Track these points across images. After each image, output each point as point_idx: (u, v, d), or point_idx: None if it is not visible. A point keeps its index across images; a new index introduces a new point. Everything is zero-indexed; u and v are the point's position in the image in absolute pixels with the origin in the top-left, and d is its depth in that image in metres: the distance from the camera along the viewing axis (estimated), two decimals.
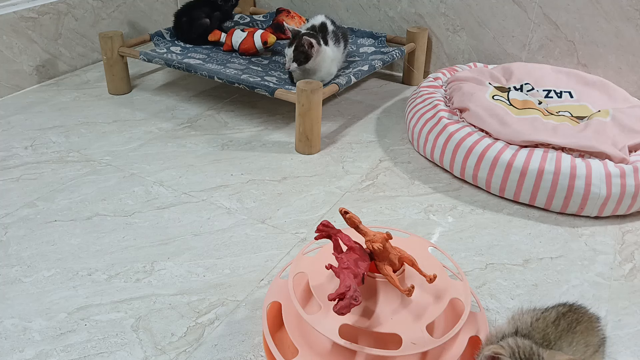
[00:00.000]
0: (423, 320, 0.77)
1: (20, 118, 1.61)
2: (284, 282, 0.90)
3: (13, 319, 0.95)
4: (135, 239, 1.15)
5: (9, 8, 1.70)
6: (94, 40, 1.97)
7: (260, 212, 1.24)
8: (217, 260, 1.09)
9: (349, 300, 0.70)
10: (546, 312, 0.78)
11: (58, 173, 1.36)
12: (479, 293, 1.03)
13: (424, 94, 1.53)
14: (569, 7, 1.64)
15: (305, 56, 1.50)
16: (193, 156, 1.45)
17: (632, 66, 1.63)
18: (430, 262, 0.87)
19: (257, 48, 1.76)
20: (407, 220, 1.23)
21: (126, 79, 1.77)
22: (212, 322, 0.95)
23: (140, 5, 2.10)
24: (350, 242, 0.80)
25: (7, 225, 1.17)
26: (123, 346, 0.90)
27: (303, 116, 1.43)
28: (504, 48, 1.79)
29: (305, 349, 0.80)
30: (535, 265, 1.11)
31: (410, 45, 1.81)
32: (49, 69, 1.85)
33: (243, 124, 1.62)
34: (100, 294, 1.00)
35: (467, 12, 1.80)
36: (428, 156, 1.45)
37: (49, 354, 0.88)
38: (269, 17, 2.08)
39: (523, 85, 1.58)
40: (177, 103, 1.73)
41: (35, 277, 1.04)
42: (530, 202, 1.28)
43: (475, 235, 1.19)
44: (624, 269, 1.11)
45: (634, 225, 1.24)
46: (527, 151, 1.26)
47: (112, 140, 1.51)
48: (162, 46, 1.82)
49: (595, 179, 1.20)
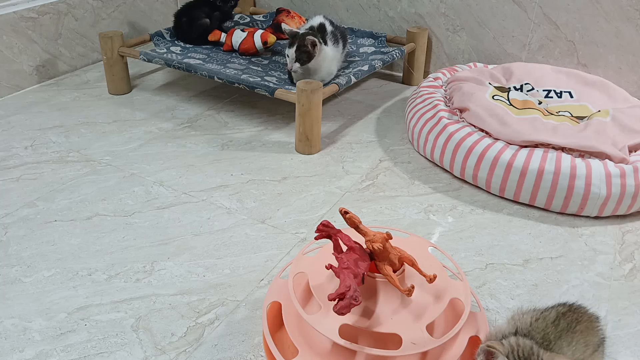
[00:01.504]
0: (423, 320, 0.77)
1: (20, 118, 1.61)
2: (284, 282, 0.90)
3: (13, 319, 0.95)
4: (135, 239, 1.15)
5: (9, 8, 1.70)
6: (94, 40, 1.97)
7: (260, 212, 1.24)
8: (217, 260, 1.09)
9: (349, 300, 0.70)
10: (546, 312, 0.78)
11: (58, 173, 1.36)
12: (479, 293, 1.03)
13: (424, 94, 1.53)
14: (569, 7, 1.64)
15: (307, 55, 1.50)
16: (193, 156, 1.45)
17: (632, 66, 1.63)
18: (430, 262, 0.87)
19: (257, 48, 1.76)
20: (407, 220, 1.23)
21: (126, 79, 1.77)
22: (212, 322, 0.95)
23: (140, 5, 2.10)
24: (350, 242, 0.80)
25: (7, 225, 1.17)
26: (123, 346, 0.90)
27: (303, 116, 1.43)
28: (504, 48, 1.79)
29: (305, 349, 0.80)
30: (535, 265, 1.11)
31: (410, 45, 1.81)
32: (49, 69, 1.85)
33: (243, 124, 1.62)
34: (100, 294, 1.00)
35: (467, 12, 1.80)
36: (428, 156, 1.45)
37: (49, 354, 0.88)
38: (269, 17, 2.08)
39: (523, 85, 1.58)
40: (177, 103, 1.73)
41: (35, 277, 1.04)
42: (530, 202, 1.28)
43: (475, 235, 1.19)
44: (624, 269, 1.11)
45: (634, 225, 1.24)
46: (527, 151, 1.26)
47: (112, 140, 1.51)
48: (162, 46, 1.82)
49: (595, 179, 1.20)
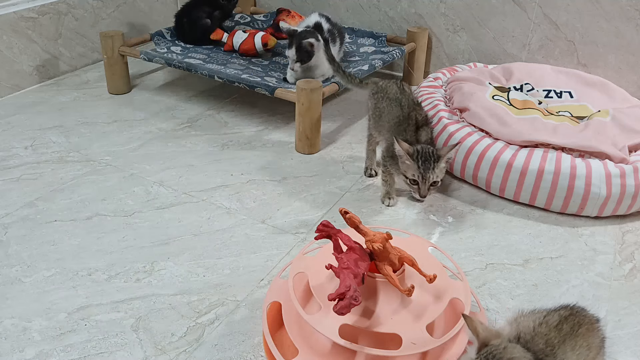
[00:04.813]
0: (423, 320, 0.77)
1: (20, 118, 1.61)
2: (284, 282, 0.90)
3: (13, 319, 0.95)
4: (135, 239, 1.15)
5: (9, 8, 1.70)
6: (94, 40, 1.97)
7: (260, 212, 1.24)
8: (217, 260, 1.09)
9: (349, 300, 0.70)
10: (548, 315, 0.77)
11: (58, 173, 1.36)
12: (479, 293, 1.03)
13: (424, 94, 1.53)
14: (569, 7, 1.64)
15: (308, 55, 1.51)
16: (193, 156, 1.45)
17: (632, 66, 1.63)
18: (430, 262, 0.87)
19: (257, 49, 1.77)
20: (407, 220, 1.23)
21: (126, 78, 1.77)
22: (212, 322, 0.95)
23: (140, 5, 2.10)
24: (350, 242, 0.80)
25: (7, 225, 1.17)
26: (123, 346, 0.90)
27: (303, 115, 1.43)
28: (504, 48, 1.79)
29: (305, 349, 0.80)
30: (535, 265, 1.11)
31: (410, 45, 1.81)
32: (49, 69, 1.85)
33: (243, 124, 1.62)
34: (100, 294, 1.00)
35: (467, 12, 1.80)
36: None
37: (49, 354, 0.88)
38: (269, 17, 2.08)
39: (523, 85, 1.58)
40: (177, 103, 1.73)
41: (35, 277, 1.04)
42: (530, 202, 1.28)
43: (475, 235, 1.19)
44: (624, 269, 1.11)
45: (634, 225, 1.24)
46: (527, 151, 1.26)
47: (112, 140, 1.51)
48: (163, 46, 1.82)
49: (595, 179, 1.20)
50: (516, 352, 0.69)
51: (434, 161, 1.15)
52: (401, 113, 1.23)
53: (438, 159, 1.15)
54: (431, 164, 1.14)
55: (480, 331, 0.72)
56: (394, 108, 1.24)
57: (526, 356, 0.70)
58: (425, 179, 1.15)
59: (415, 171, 1.15)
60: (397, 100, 1.24)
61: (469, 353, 0.74)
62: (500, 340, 0.71)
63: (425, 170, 1.14)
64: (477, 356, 0.70)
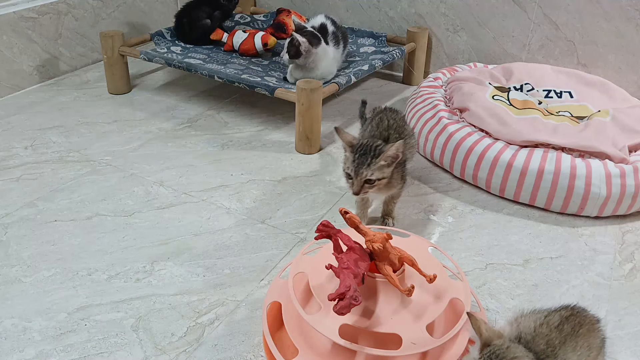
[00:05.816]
0: (423, 320, 0.77)
1: (20, 118, 1.61)
2: (284, 282, 0.90)
3: (13, 319, 0.95)
4: (135, 239, 1.15)
5: (9, 8, 1.70)
6: (94, 40, 1.97)
7: (260, 212, 1.24)
8: (217, 260, 1.09)
9: (349, 300, 0.70)
10: (549, 316, 0.77)
11: (58, 173, 1.36)
12: (479, 293, 1.03)
13: (424, 94, 1.53)
14: (569, 7, 1.64)
15: (295, 50, 1.51)
16: (193, 156, 1.45)
17: (632, 66, 1.63)
18: (430, 262, 0.87)
19: (257, 49, 1.77)
20: (407, 220, 1.23)
21: (126, 78, 1.77)
22: (212, 322, 0.95)
23: (140, 5, 2.10)
24: (350, 242, 0.80)
25: (7, 225, 1.17)
26: (123, 346, 0.90)
27: (303, 115, 1.43)
28: (504, 48, 1.79)
29: (305, 349, 0.80)
30: (535, 265, 1.11)
31: (410, 45, 1.81)
32: (49, 69, 1.85)
33: (243, 124, 1.62)
34: (100, 294, 1.00)
35: (467, 12, 1.80)
36: (428, 156, 1.45)
37: (49, 354, 0.88)
38: (269, 17, 2.08)
39: (523, 85, 1.58)
40: (177, 103, 1.73)
41: (35, 277, 1.04)
42: (530, 202, 1.28)
43: (475, 235, 1.19)
44: (624, 269, 1.11)
45: (634, 225, 1.24)
46: (527, 151, 1.26)
47: (112, 140, 1.51)
48: (163, 46, 1.82)
49: (595, 179, 1.20)
50: (519, 352, 0.69)
51: (373, 157, 1.04)
52: (376, 131, 1.15)
53: (378, 155, 1.04)
54: (368, 159, 1.03)
55: (483, 331, 0.72)
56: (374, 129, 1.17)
57: (528, 356, 0.70)
58: (357, 174, 1.04)
59: (350, 164, 1.05)
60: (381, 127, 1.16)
61: (471, 353, 0.74)
62: (503, 340, 0.71)
63: (359, 165, 1.04)
64: (480, 356, 0.70)
